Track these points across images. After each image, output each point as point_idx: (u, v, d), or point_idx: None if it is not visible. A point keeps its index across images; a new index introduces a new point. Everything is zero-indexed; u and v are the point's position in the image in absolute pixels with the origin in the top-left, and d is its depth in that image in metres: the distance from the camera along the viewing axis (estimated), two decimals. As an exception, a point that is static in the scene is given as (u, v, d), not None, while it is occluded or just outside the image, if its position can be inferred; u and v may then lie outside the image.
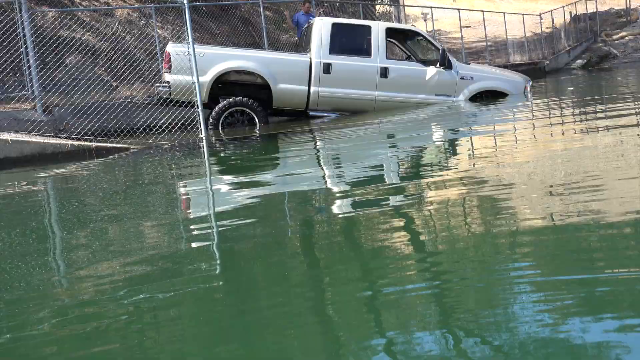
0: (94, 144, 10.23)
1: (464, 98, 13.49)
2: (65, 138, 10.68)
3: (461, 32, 28.88)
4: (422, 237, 4.07)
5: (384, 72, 13.19)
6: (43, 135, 10.75)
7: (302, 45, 14.45)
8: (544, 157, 6.54)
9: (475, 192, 5.10)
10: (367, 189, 5.66)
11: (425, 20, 36.07)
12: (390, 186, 5.76)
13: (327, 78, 13.00)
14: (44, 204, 6.78)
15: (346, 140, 10.06)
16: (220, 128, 12.34)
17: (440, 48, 13.61)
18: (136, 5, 19.70)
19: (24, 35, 11.88)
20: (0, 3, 13.58)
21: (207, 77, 12.20)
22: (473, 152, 7.54)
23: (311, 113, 13.19)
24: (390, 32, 14.09)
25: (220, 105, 12.40)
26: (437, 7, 31.81)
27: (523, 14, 34.02)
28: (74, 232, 5.07)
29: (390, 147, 8.93)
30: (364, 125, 11.86)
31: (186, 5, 11.52)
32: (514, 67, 27.94)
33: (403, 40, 15.20)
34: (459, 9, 30.37)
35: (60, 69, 14.05)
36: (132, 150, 10.40)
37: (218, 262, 3.89)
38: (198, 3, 19.43)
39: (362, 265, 3.66)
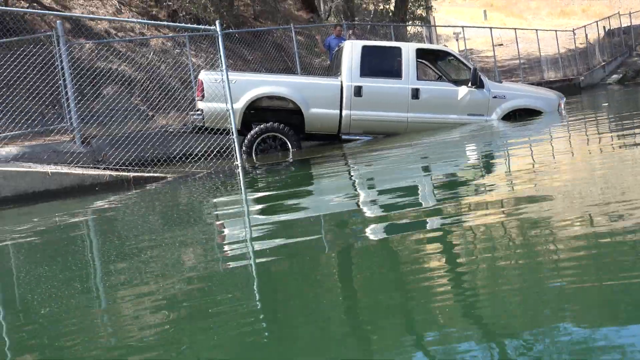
0: (132, 174, 10.35)
1: (497, 117, 13.39)
2: (104, 169, 10.83)
3: (494, 51, 28.81)
4: (466, 265, 4.07)
5: (416, 94, 13.14)
6: (82, 167, 10.92)
7: (332, 68, 14.47)
8: (587, 177, 6.49)
9: (524, 215, 5.08)
10: (408, 214, 5.66)
11: (457, 40, 36.10)
12: (430, 210, 5.75)
13: (358, 101, 12.99)
14: (86, 235, 6.88)
15: (381, 164, 10.05)
16: (253, 154, 12.38)
17: (472, 67, 13.53)
18: (170, 35, 19.97)
19: (62, 68, 12.09)
20: (39, 37, 13.88)
21: (240, 104, 12.27)
22: (515, 173, 7.50)
23: (344, 136, 13.19)
24: (421, 53, 14.04)
25: (253, 131, 12.45)
26: (469, 27, 31.85)
27: (556, 31, 33.85)
28: (117, 263, 5.14)
29: (428, 170, 8.90)
30: (398, 147, 11.84)
31: (219, 33, 11.65)
32: (549, 84, 27.83)
33: (434, 60, 15.17)
34: (490, 28, 30.32)
35: (98, 100, 14.30)
36: (169, 179, 10.51)
37: (257, 290, 3.92)
38: (231, 30, 19.65)
39: (403, 295, 3.67)
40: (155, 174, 10.60)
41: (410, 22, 31.03)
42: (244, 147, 12.24)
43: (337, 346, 3.03)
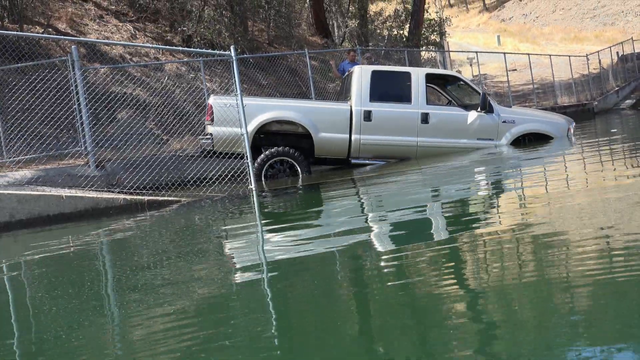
0: (146, 198, 10.32)
1: (507, 142, 13.34)
2: (118, 192, 10.81)
3: (507, 76, 28.81)
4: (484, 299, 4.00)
5: (425, 118, 13.11)
6: (96, 190, 10.91)
7: (342, 93, 14.50)
8: (594, 206, 6.41)
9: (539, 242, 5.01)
10: (424, 246, 5.60)
11: (470, 65, 36.15)
12: (446, 243, 5.70)
13: (368, 125, 12.96)
14: (100, 260, 6.85)
15: (392, 191, 9.96)
16: (262, 179, 12.34)
17: (481, 92, 13.53)
18: (185, 60, 20.07)
19: (77, 92, 12.13)
20: (54, 62, 13.95)
21: (249, 128, 12.17)
22: (527, 203, 7.43)
23: (353, 161, 13.14)
24: (430, 78, 14.05)
25: (263, 155, 12.41)
26: (483, 52, 31.87)
27: (569, 56, 33.87)
28: (131, 286, 5.09)
29: (438, 196, 8.84)
30: (408, 172, 11.78)
31: (234, 58, 11.67)
32: (562, 109, 27.80)
33: (443, 85, 15.19)
34: (504, 53, 30.37)
35: (112, 124, 14.33)
36: (183, 203, 10.48)
37: (273, 317, 3.86)
38: (245, 55, 19.72)
39: (419, 333, 3.60)
40: (170, 198, 10.57)
41: (424, 48, 31.09)
42: (254, 171, 12.19)
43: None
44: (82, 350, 3.64)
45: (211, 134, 12.40)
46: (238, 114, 11.64)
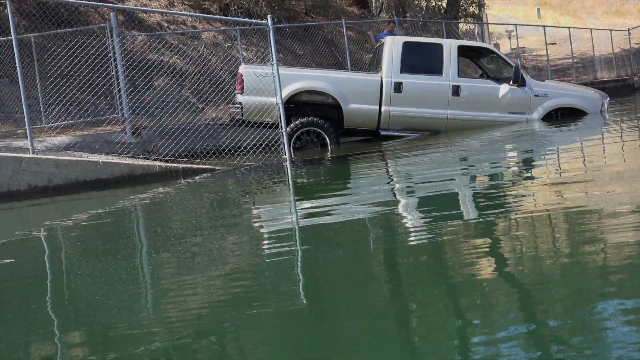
0: (181, 166, 10.41)
1: (538, 116, 13.19)
2: (154, 160, 10.92)
3: (546, 50, 28.42)
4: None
5: (456, 91, 13.01)
6: (132, 157, 11.03)
7: (373, 64, 14.41)
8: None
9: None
10: (461, 222, 5.61)
11: (509, 38, 35.70)
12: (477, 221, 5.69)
13: (398, 97, 12.90)
14: (135, 227, 6.95)
15: (423, 165, 9.87)
16: (291, 149, 12.25)
17: (514, 65, 13.35)
18: (222, 28, 20.08)
19: (115, 60, 12.21)
20: (92, 29, 14.05)
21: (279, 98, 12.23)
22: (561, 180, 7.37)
23: (383, 133, 13.10)
24: (463, 50, 13.94)
25: (292, 125, 12.36)
26: (522, 25, 31.45)
27: (611, 30, 33.26)
28: (164, 254, 5.18)
29: (470, 173, 8.79)
30: (438, 146, 11.68)
31: (270, 27, 11.65)
32: (601, 84, 27.37)
33: (476, 57, 15.07)
34: (544, 26, 29.95)
35: (149, 92, 14.43)
36: (218, 171, 10.56)
37: (303, 286, 3.91)
38: (282, 25, 19.68)
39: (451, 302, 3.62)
40: (204, 166, 10.66)
41: (462, 20, 30.73)
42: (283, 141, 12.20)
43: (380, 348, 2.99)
44: (113, 318, 3.72)
45: (241, 103, 12.43)
46: (273, 83, 11.64)
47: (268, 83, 11.86)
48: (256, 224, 6.21)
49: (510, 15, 51.77)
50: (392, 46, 13.10)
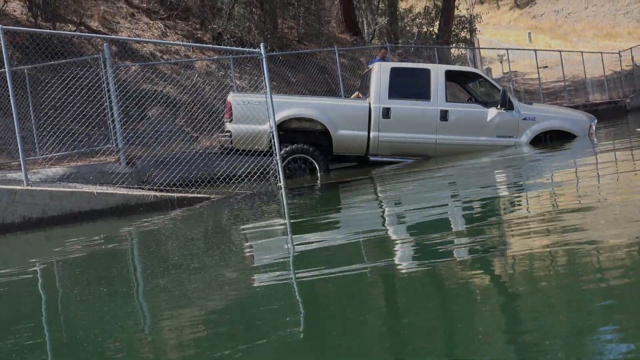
0: (176, 195, 10.40)
1: (527, 139, 13.24)
2: (148, 189, 10.91)
3: (538, 73, 28.61)
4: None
5: (444, 115, 13.05)
6: (127, 187, 11.01)
7: (362, 90, 14.46)
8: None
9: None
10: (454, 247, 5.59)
11: (501, 62, 35.96)
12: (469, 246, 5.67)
13: (386, 123, 12.93)
14: (130, 257, 6.92)
15: (413, 192, 9.77)
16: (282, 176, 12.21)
17: (501, 89, 13.41)
18: (215, 57, 20.16)
19: (109, 90, 12.24)
20: (86, 59, 14.10)
21: (268, 125, 12.17)
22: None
23: (372, 159, 13.09)
24: (451, 75, 14.01)
25: (281, 152, 12.28)
26: (513, 49, 31.66)
27: (602, 53, 33.51)
28: (159, 285, 5.15)
29: (464, 200, 8.78)
30: (428, 172, 11.60)
31: (263, 55, 11.70)
32: (594, 107, 27.55)
33: (464, 82, 15.13)
34: (535, 50, 30.14)
35: (143, 121, 14.45)
36: (212, 200, 10.54)
37: (300, 314, 3.88)
38: (275, 53, 19.77)
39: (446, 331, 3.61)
40: (199, 195, 10.64)
41: (454, 45, 30.92)
42: (272, 168, 12.19)
43: None
44: (109, 348, 3.69)
45: (230, 131, 12.46)
46: (263, 111, 11.69)
47: (256, 111, 11.93)
48: (251, 257, 6.17)
49: (501, 39, 52.13)
50: (379, 72, 13.16)
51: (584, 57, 31.54)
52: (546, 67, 33.40)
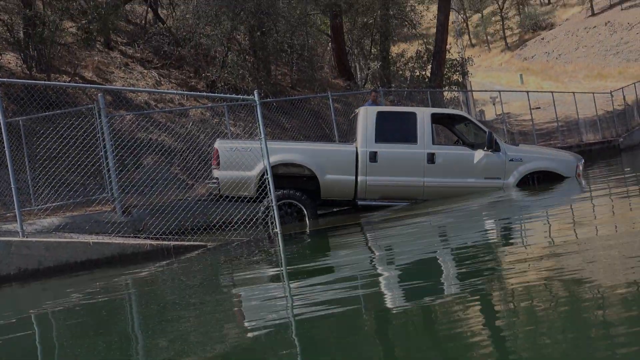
0: (172, 243, 10.36)
1: (514, 180, 13.24)
2: (144, 238, 10.88)
3: (531, 114, 28.78)
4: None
5: (431, 158, 13.04)
6: (123, 236, 10.98)
7: (349, 134, 14.47)
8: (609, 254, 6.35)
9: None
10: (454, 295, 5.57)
11: (494, 104, 36.20)
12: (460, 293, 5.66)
13: (374, 167, 12.92)
14: (127, 306, 6.87)
15: (406, 238, 9.71)
16: (269, 223, 12.02)
17: (487, 131, 13.41)
18: (209, 105, 20.26)
19: (103, 140, 12.27)
20: (80, 110, 14.16)
21: (255, 172, 12.24)
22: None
23: (360, 203, 13.06)
24: (437, 118, 14.06)
25: (268, 198, 12.05)
26: (505, 91, 31.91)
27: (593, 93, 33.77)
28: (156, 335, 5.10)
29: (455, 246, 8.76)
30: (417, 216, 11.56)
31: (257, 102, 11.74)
32: (588, 146, 27.69)
33: (451, 124, 15.17)
34: (527, 91, 30.37)
35: (138, 170, 14.46)
36: (209, 247, 10.50)
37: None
38: (269, 99, 19.88)
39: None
40: (195, 243, 10.60)
41: (446, 88, 31.16)
42: (260, 216, 12.14)
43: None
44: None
45: (217, 178, 12.45)
46: (262, 157, 11.66)
47: (243, 157, 11.97)
48: (250, 310, 6.12)
49: (493, 81, 52.58)
50: (366, 116, 13.18)
51: (576, 98, 31.78)
52: (539, 108, 33.61)
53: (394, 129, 13.21)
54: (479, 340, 3.88)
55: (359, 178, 12.92)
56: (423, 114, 13.44)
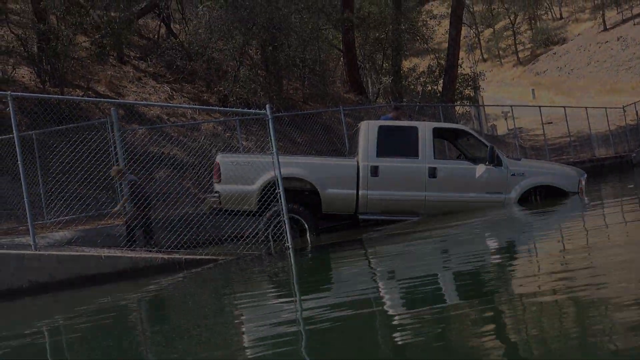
0: (184, 257, 10.35)
1: (516, 195, 13.11)
2: (156, 252, 10.88)
3: (543, 129, 28.71)
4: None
5: (433, 172, 12.96)
6: (134, 250, 11.00)
7: (351, 148, 14.41)
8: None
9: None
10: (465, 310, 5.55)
11: (505, 119, 36.13)
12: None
13: (375, 181, 12.85)
14: (138, 323, 6.87)
15: (410, 253, 9.65)
16: (270, 238, 12.04)
17: (489, 145, 13.31)
18: (221, 119, 20.31)
19: (116, 153, 12.33)
20: (93, 124, 14.23)
21: (256, 186, 12.21)
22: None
23: (362, 217, 12.98)
24: (438, 132, 14.03)
25: (269, 214, 12.17)
26: (517, 105, 31.84)
27: (606, 108, 33.64)
28: (168, 351, 5.10)
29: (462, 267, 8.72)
30: (422, 233, 11.49)
31: (269, 116, 11.73)
32: (600, 161, 27.58)
33: (453, 138, 15.14)
34: (539, 106, 30.27)
35: (151, 184, 14.49)
36: (220, 261, 10.49)
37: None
38: (280, 114, 19.91)
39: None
40: (207, 257, 10.60)
41: (458, 102, 31.15)
42: (261, 228, 12.14)
43: None
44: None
45: (218, 192, 12.42)
46: (274, 171, 11.57)
47: (244, 171, 11.94)
48: (262, 326, 6.09)
49: (505, 96, 52.53)
50: (367, 130, 13.14)
51: (589, 113, 31.68)
52: (551, 122, 33.53)
53: (395, 143, 13.14)
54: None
55: (360, 192, 12.85)
56: (425, 128, 13.38)
